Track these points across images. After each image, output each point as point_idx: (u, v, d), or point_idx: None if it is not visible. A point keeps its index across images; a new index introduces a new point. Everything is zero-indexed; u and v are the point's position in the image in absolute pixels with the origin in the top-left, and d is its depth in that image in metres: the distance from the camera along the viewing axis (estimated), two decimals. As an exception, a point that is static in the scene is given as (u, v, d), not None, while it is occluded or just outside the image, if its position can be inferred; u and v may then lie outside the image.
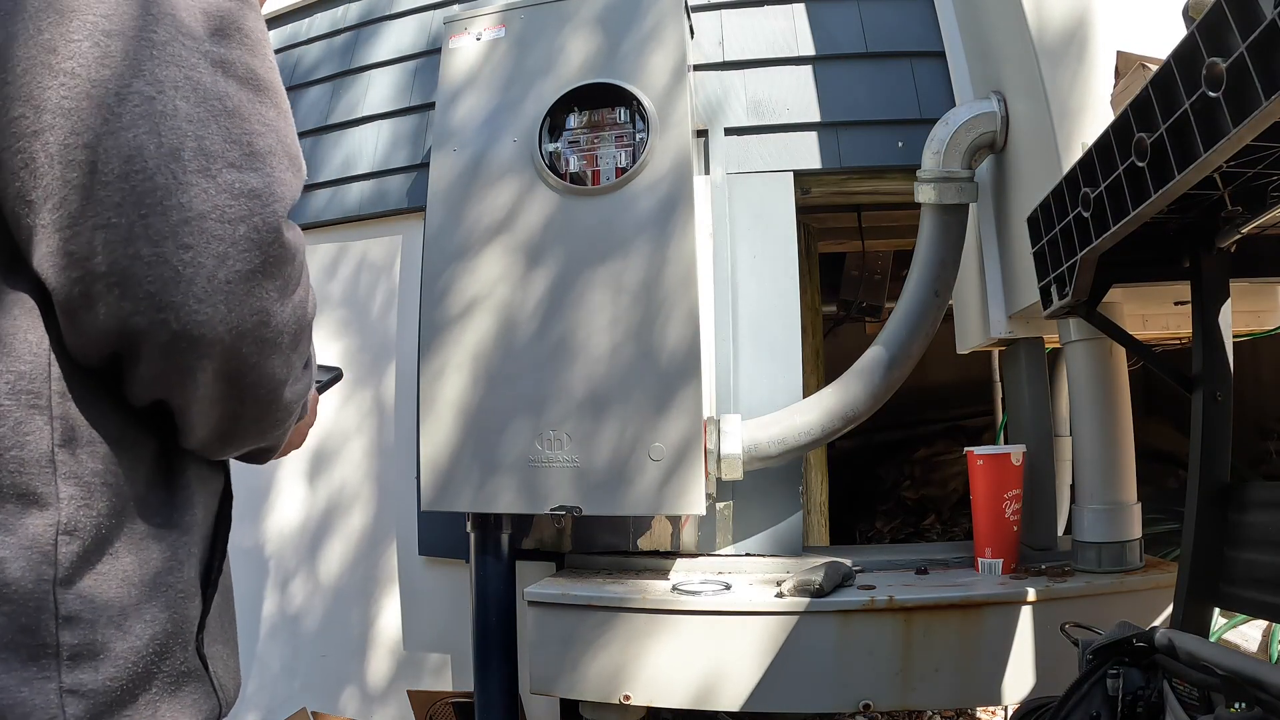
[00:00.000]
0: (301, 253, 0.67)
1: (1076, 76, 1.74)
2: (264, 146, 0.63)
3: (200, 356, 0.61)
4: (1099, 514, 1.84)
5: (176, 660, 0.64)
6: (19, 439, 0.58)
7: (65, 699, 0.57)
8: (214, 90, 0.61)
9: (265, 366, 0.65)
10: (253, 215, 0.61)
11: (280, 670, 2.68)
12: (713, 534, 2.24)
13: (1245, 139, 0.88)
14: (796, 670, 1.79)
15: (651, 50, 2.08)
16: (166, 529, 0.65)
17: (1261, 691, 0.89)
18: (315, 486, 2.70)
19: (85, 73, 0.57)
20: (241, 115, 0.63)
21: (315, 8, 3.07)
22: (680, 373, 1.91)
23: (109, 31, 0.58)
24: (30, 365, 0.59)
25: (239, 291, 0.60)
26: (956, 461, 4.55)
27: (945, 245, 2.05)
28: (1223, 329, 1.31)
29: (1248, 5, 0.82)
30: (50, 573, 0.57)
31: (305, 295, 0.69)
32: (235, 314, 0.61)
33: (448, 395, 2.04)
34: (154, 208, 0.57)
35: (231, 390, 0.64)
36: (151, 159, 0.57)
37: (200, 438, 0.67)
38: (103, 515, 0.60)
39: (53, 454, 0.59)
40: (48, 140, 0.56)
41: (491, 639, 2.14)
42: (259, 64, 0.66)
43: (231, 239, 0.60)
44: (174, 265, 0.58)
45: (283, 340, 0.66)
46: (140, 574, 0.62)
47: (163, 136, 0.58)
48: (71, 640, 0.58)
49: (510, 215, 2.08)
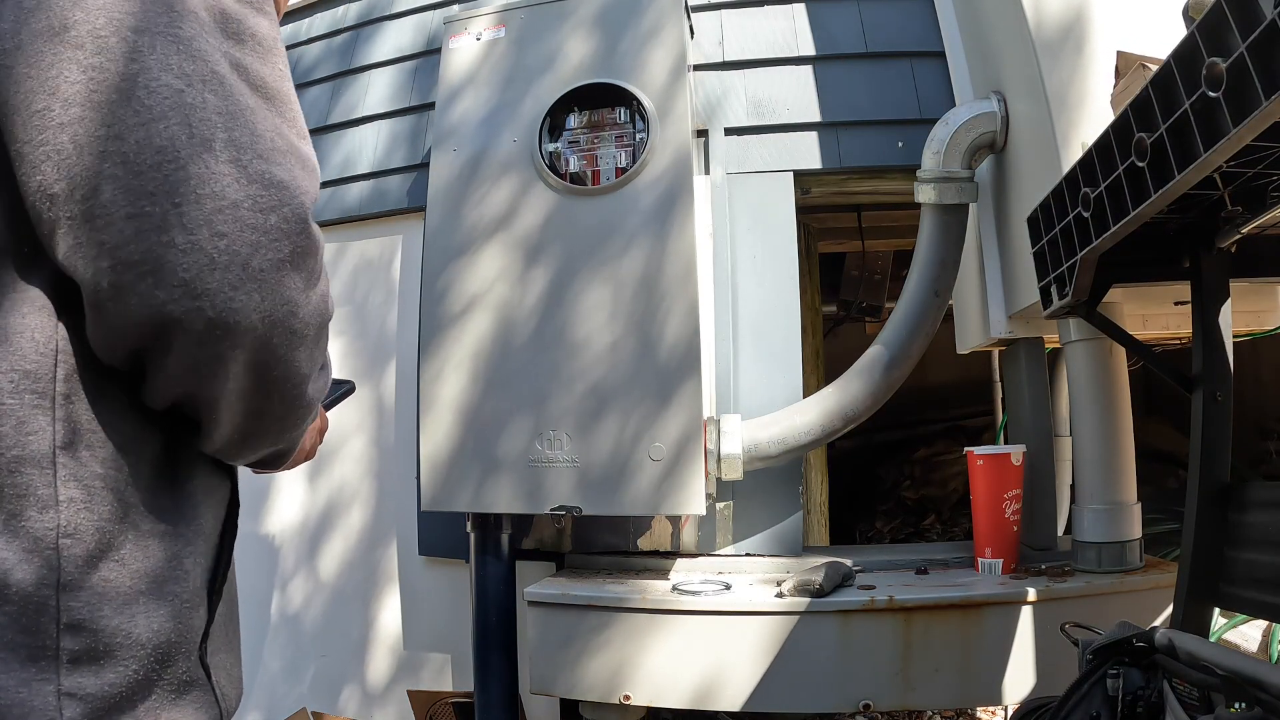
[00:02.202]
0: (323, 248, 0.68)
1: (1076, 76, 1.74)
2: (285, 143, 0.65)
3: (234, 346, 0.61)
4: (1099, 514, 1.84)
5: (179, 668, 0.64)
6: (20, 439, 0.58)
7: (63, 701, 0.57)
8: (236, 87, 0.63)
9: (293, 359, 0.66)
10: (283, 205, 0.62)
11: (281, 670, 2.68)
12: (713, 534, 2.24)
13: (1245, 139, 0.88)
14: (796, 670, 1.79)
15: (651, 50, 2.08)
16: (171, 536, 0.65)
17: (1261, 691, 0.89)
18: (316, 486, 2.70)
19: (114, 66, 0.57)
20: (265, 111, 0.64)
21: (315, 8, 3.07)
22: (680, 372, 1.91)
23: (136, 28, 0.58)
24: (36, 364, 0.59)
25: (271, 280, 0.61)
26: (956, 461, 4.55)
27: (945, 245, 2.05)
28: (1223, 329, 1.31)
29: (1248, 5, 0.82)
30: (52, 576, 0.57)
31: (326, 289, 0.70)
32: (268, 302, 0.61)
33: (447, 395, 2.04)
34: (188, 196, 0.58)
35: (260, 383, 0.65)
36: (184, 149, 0.58)
37: (224, 435, 0.68)
38: (105, 519, 0.60)
39: (54, 455, 0.59)
40: (77, 132, 0.57)
41: (491, 639, 2.14)
42: (268, 71, 0.67)
43: (264, 227, 0.60)
44: (209, 252, 0.58)
45: (309, 332, 0.66)
46: (144, 580, 0.62)
47: (194, 127, 0.58)
48: (72, 644, 0.58)
49: (510, 215, 2.08)
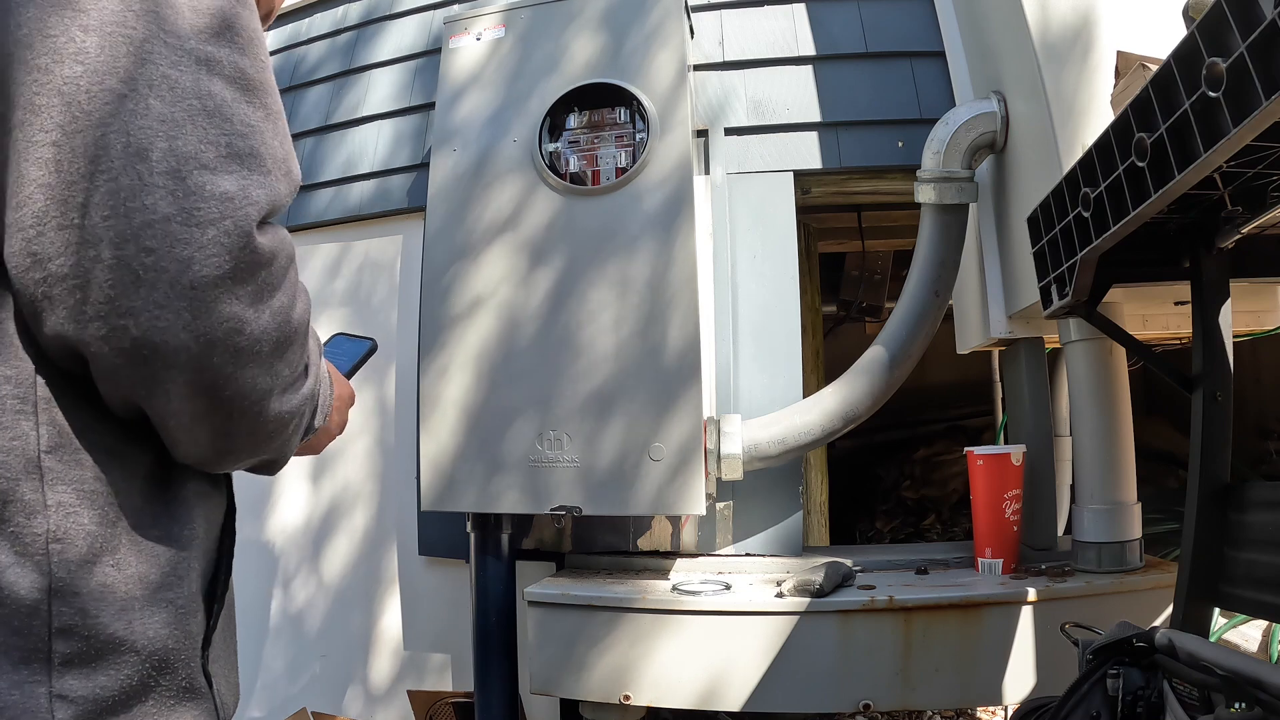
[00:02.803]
0: (283, 256, 0.64)
1: (1077, 76, 1.74)
2: (244, 148, 0.61)
3: (166, 366, 0.58)
4: (1099, 514, 1.84)
5: (179, 675, 0.64)
6: (6, 443, 0.57)
7: (54, 704, 0.57)
8: (193, 90, 0.59)
9: (242, 378, 0.62)
10: (223, 219, 0.58)
11: (282, 670, 2.68)
12: (713, 534, 2.24)
13: (1245, 139, 0.88)
14: (796, 670, 1.79)
15: (651, 50, 2.08)
16: (165, 542, 0.64)
17: (1261, 691, 0.89)
18: (318, 486, 2.70)
19: (58, 69, 0.55)
20: (223, 116, 0.60)
21: (316, 7, 3.07)
22: (680, 373, 1.91)
23: (85, 26, 0.56)
24: (16, 369, 0.59)
25: (205, 298, 0.58)
26: (956, 461, 4.55)
27: (945, 245, 2.05)
28: (1223, 329, 1.31)
29: (1248, 5, 0.82)
30: (43, 581, 0.57)
31: (289, 300, 0.65)
32: (201, 321, 0.58)
33: (447, 395, 2.04)
34: (117, 209, 0.55)
35: (212, 405, 0.62)
36: (118, 159, 0.55)
37: (188, 453, 0.66)
38: (96, 524, 0.60)
39: (39, 460, 0.58)
40: (16, 137, 0.55)
41: (492, 639, 2.14)
42: (249, 64, 0.64)
43: (198, 243, 0.57)
44: (134, 269, 0.55)
45: (262, 349, 0.62)
46: (138, 585, 0.62)
47: (131, 135, 0.56)
48: (64, 647, 0.58)
49: (510, 215, 2.08)
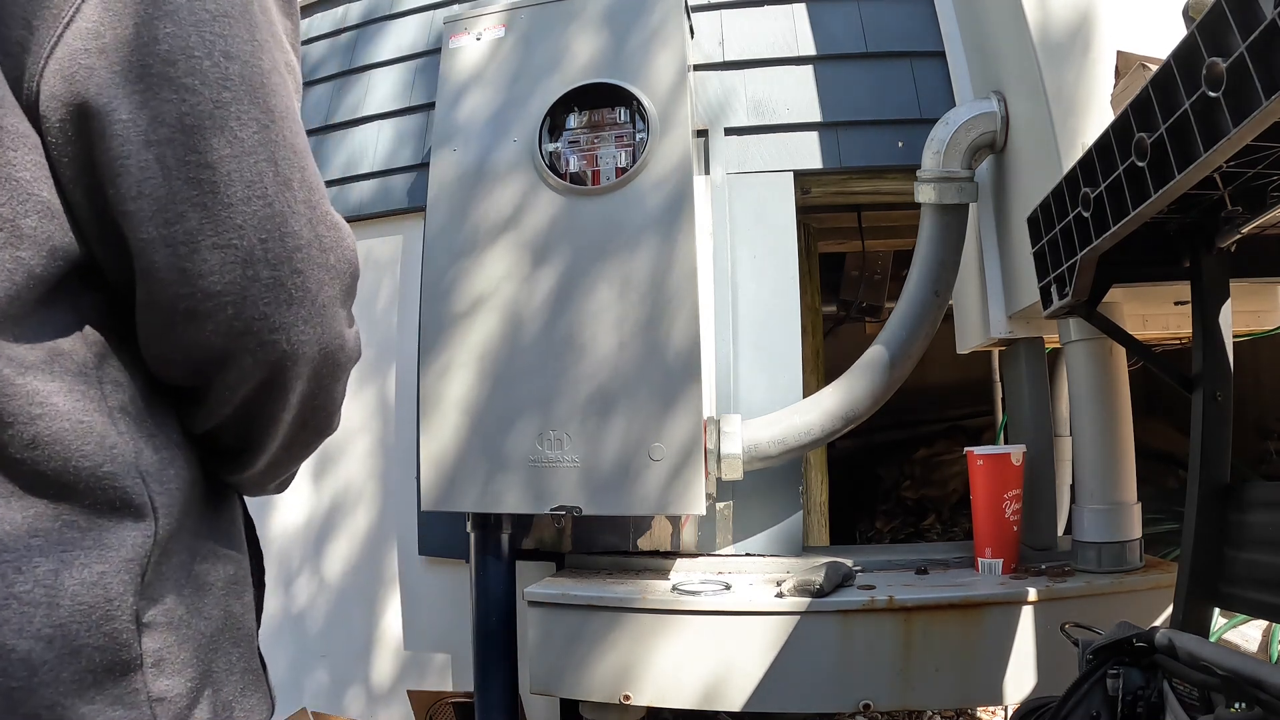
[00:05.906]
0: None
1: (1077, 76, 1.74)
2: (321, 182, 0.66)
3: (298, 377, 0.64)
4: (1099, 514, 1.84)
5: (244, 661, 0.66)
6: (106, 453, 0.58)
7: (155, 707, 0.57)
8: (299, 118, 0.64)
9: (335, 389, 0.69)
10: (339, 245, 0.65)
11: (283, 670, 2.68)
12: (713, 534, 2.24)
13: (1245, 139, 0.88)
14: (797, 670, 1.79)
15: (651, 50, 2.08)
16: (219, 532, 0.66)
17: (1261, 691, 0.89)
18: (319, 486, 2.70)
19: (208, 92, 0.56)
20: (307, 142, 0.65)
21: (316, 7, 3.07)
22: (681, 373, 1.91)
23: (228, 53, 0.57)
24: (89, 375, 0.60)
25: (329, 315, 0.64)
26: (956, 461, 4.55)
27: (945, 245, 2.05)
28: (1223, 329, 1.31)
29: (1248, 5, 0.82)
30: (134, 584, 0.57)
31: (355, 326, 0.72)
32: (325, 335, 0.64)
33: (448, 396, 2.04)
34: (272, 234, 0.59)
35: (301, 412, 0.67)
36: (271, 186, 0.59)
37: (262, 462, 0.69)
38: (176, 520, 0.61)
39: (138, 465, 0.59)
40: (165, 153, 0.55)
41: (492, 639, 2.14)
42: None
43: (327, 265, 0.63)
44: (288, 289, 0.60)
45: (350, 365, 0.69)
46: (204, 577, 0.63)
47: (279, 165, 0.60)
48: (153, 646, 0.58)
49: (510, 215, 2.08)
